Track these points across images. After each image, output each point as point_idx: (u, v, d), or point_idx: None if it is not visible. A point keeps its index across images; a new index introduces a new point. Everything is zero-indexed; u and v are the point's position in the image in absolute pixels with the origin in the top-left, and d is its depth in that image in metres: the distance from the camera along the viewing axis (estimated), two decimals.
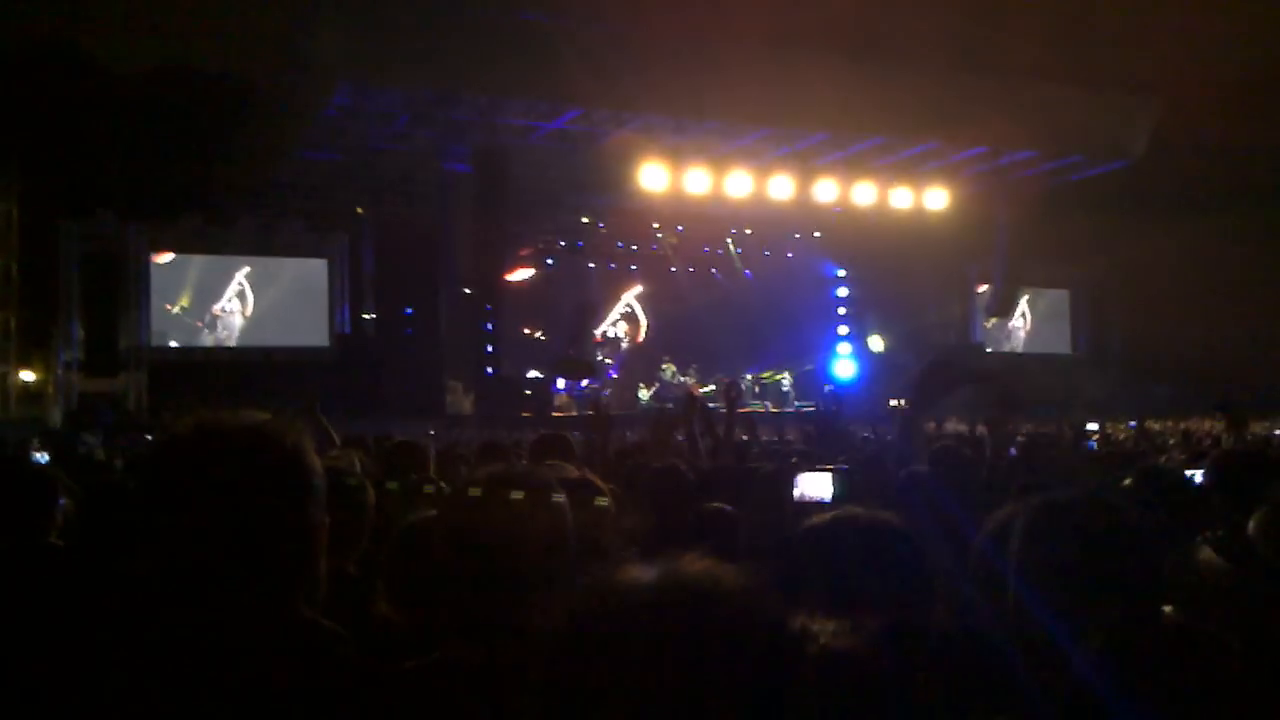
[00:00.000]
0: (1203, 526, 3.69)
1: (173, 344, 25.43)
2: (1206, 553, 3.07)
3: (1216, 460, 3.89)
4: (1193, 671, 1.67)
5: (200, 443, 1.52)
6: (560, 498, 1.92)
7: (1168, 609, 2.09)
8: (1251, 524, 3.80)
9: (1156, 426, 13.73)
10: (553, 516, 1.89)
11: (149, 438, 18.51)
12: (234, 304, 26.25)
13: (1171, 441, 11.25)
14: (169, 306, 25.49)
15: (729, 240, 30.63)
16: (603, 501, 2.34)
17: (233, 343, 26.15)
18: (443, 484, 4.21)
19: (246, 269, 26.24)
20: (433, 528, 1.99)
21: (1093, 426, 11.69)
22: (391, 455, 4.64)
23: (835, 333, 30.98)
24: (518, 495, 1.85)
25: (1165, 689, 1.64)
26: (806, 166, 23.98)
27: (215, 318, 26.06)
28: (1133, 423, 12.33)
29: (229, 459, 1.49)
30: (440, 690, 1.70)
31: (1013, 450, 10.38)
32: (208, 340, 25.95)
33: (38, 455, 7.03)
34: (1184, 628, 2.17)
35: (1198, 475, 4.98)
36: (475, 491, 1.94)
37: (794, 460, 4.62)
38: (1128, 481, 3.71)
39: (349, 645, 1.57)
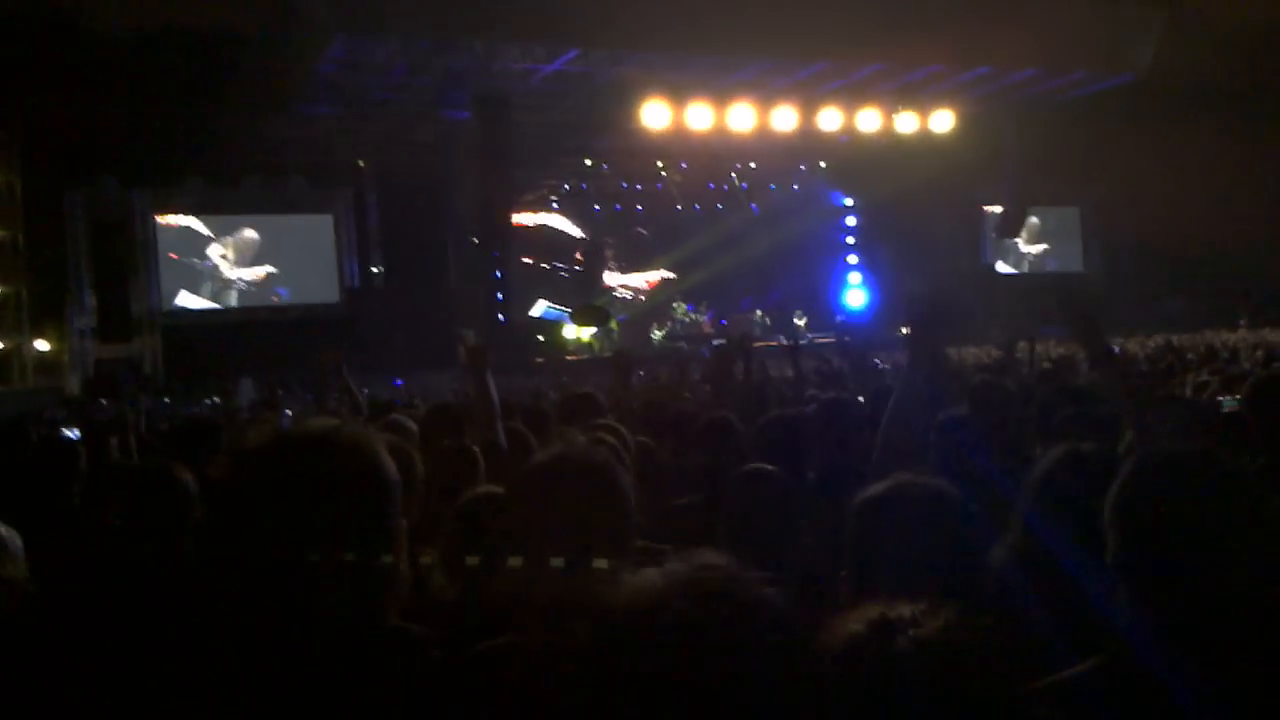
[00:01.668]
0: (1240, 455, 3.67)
1: (185, 306, 25.48)
2: None
3: (1254, 388, 3.86)
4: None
5: (278, 455, 1.53)
6: (624, 478, 1.94)
7: None
8: None
9: (1176, 341, 13.67)
10: (616, 499, 1.91)
11: (167, 401, 18.66)
12: (243, 264, 26.25)
13: (1190, 356, 11.24)
14: (174, 255, 25.52)
15: (734, 175, 30.44)
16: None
17: (244, 303, 26.17)
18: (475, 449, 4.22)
19: (256, 235, 26.25)
20: (496, 507, 2.00)
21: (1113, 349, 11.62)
22: (426, 421, 4.66)
23: (844, 262, 30.90)
24: (583, 480, 1.88)
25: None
26: (809, 96, 23.73)
27: (227, 278, 26.08)
28: (1154, 342, 12.27)
29: (308, 470, 1.50)
30: (519, 676, 1.72)
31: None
32: (220, 301, 25.98)
33: (67, 432, 7.03)
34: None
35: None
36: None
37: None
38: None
39: (437, 651, 1.59)
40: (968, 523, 1.96)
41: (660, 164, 29.14)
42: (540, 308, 28.06)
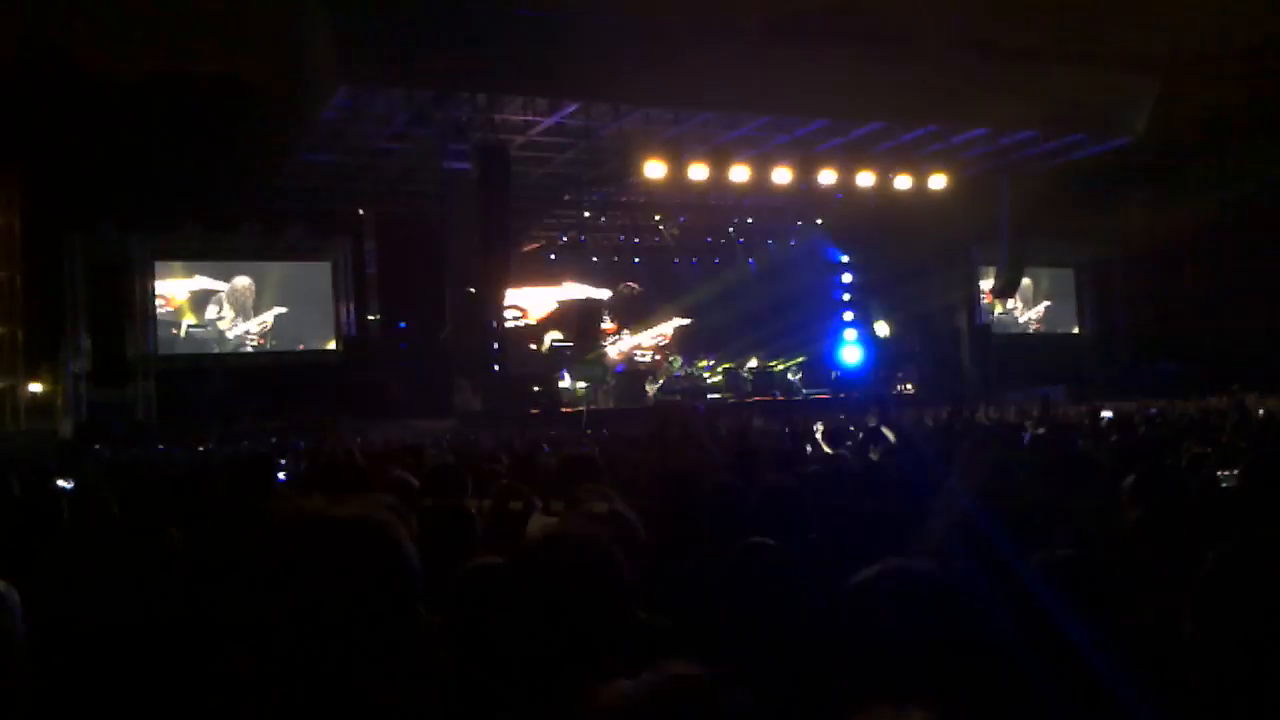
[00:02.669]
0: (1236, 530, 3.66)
1: (181, 351, 25.43)
2: None
3: (1252, 464, 3.86)
4: None
5: (306, 542, 1.52)
6: (619, 558, 1.94)
7: None
8: None
9: (1172, 409, 13.68)
10: (611, 579, 1.91)
11: (160, 447, 18.61)
12: (240, 310, 26.25)
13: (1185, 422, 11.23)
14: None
15: (731, 230, 30.63)
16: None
17: (240, 349, 26.14)
18: (475, 508, 4.21)
19: (249, 279, 26.26)
20: (500, 585, 1.99)
21: (1108, 414, 11.65)
22: (429, 479, 4.64)
23: (840, 319, 31.02)
24: (579, 556, 1.88)
25: None
26: (807, 154, 23.91)
27: (221, 326, 26.06)
28: (1153, 410, 12.27)
29: (338, 556, 1.49)
30: None
31: (1026, 435, 10.39)
32: (215, 348, 25.94)
33: (62, 483, 6.97)
34: None
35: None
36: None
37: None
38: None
39: None
40: (958, 604, 1.95)
41: (658, 217, 29.30)
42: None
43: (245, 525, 3.34)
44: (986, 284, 30.88)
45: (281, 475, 7.68)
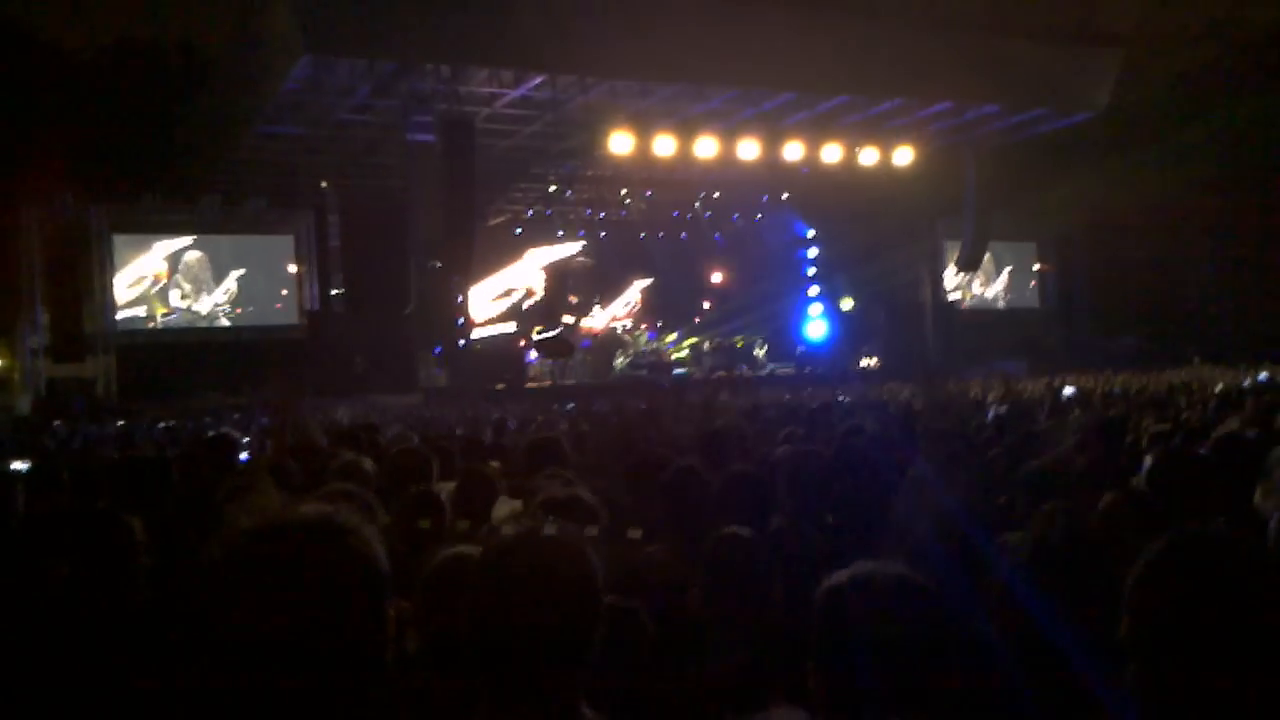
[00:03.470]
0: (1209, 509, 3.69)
1: (140, 327, 25.12)
2: None
3: (1220, 443, 3.90)
4: None
5: (270, 544, 1.49)
6: (594, 558, 1.91)
7: None
8: (1258, 494, 3.81)
9: (1130, 384, 13.83)
10: (586, 580, 1.89)
11: (120, 423, 18.39)
12: (199, 285, 25.95)
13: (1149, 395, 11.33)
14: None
15: (697, 204, 30.59)
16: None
17: (216, 322, 25.88)
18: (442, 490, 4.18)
19: (199, 252, 25.92)
20: (464, 586, 1.96)
21: (1069, 390, 11.74)
22: (393, 464, 4.59)
23: (805, 294, 31.11)
24: (551, 566, 1.86)
25: None
26: (774, 127, 23.89)
27: (189, 306, 25.78)
28: (1116, 389, 12.38)
29: (302, 559, 1.46)
30: None
31: (990, 413, 10.47)
32: (176, 322, 25.64)
33: (17, 464, 6.83)
34: None
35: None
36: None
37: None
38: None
39: None
40: (930, 606, 1.95)
41: (624, 191, 29.20)
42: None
43: (205, 521, 3.29)
44: (951, 258, 31.03)
45: (244, 455, 7.60)
